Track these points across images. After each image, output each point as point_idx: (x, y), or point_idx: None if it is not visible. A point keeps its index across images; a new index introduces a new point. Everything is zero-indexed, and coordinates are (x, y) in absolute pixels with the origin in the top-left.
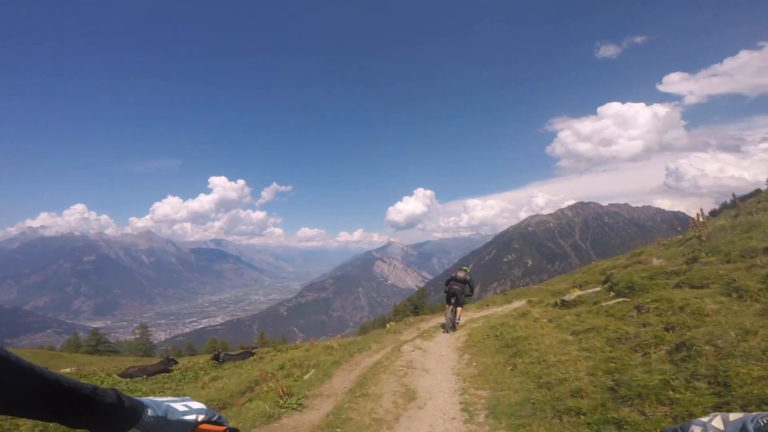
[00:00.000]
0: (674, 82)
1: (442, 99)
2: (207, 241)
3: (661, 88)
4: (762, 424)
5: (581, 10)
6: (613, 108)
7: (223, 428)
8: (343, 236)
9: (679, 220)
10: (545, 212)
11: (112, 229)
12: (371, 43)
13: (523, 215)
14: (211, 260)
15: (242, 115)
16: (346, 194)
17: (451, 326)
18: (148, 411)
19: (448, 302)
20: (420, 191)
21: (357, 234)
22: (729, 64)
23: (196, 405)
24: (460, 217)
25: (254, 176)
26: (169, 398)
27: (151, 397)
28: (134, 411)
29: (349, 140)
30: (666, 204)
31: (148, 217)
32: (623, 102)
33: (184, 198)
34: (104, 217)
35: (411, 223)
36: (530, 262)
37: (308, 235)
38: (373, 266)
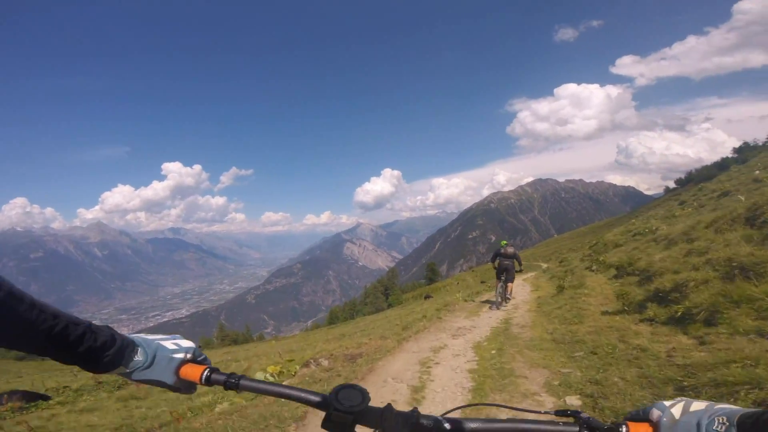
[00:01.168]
0: (626, 64)
1: (408, 84)
2: (164, 231)
3: (614, 70)
4: (719, 422)
5: None
6: (569, 89)
7: (204, 367)
8: (310, 219)
9: (629, 194)
10: (506, 189)
11: (58, 222)
12: (338, 32)
13: (486, 192)
14: (170, 250)
15: (194, 98)
16: (311, 176)
17: (501, 301)
18: (138, 349)
19: (498, 278)
20: (387, 171)
21: (324, 216)
22: (677, 48)
23: (186, 343)
24: (427, 196)
25: (211, 161)
26: (161, 336)
27: (143, 335)
28: (125, 349)
29: (313, 122)
30: (617, 179)
31: (97, 207)
32: (578, 83)
33: (136, 186)
34: (49, 210)
35: (379, 203)
36: (494, 238)
37: (273, 220)
38: (343, 248)
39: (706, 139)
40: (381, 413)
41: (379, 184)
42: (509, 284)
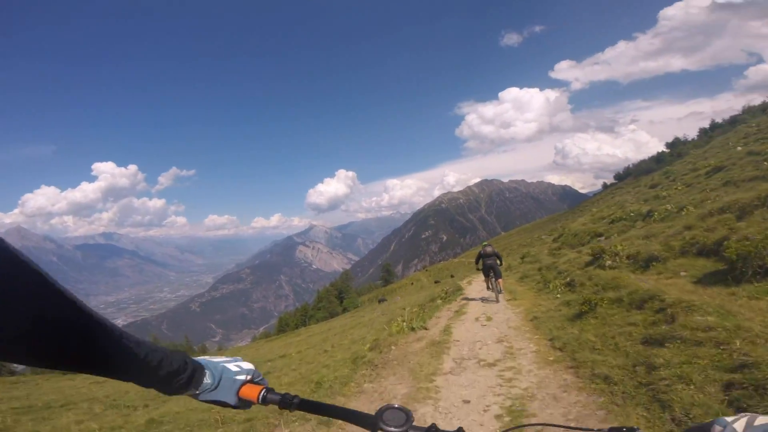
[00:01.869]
0: (564, 69)
1: (361, 86)
2: (95, 236)
3: (553, 74)
4: None
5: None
6: (512, 93)
7: (262, 387)
8: (259, 222)
9: (566, 193)
10: (456, 190)
11: None
12: (290, 36)
13: (437, 193)
14: (102, 257)
15: (129, 94)
16: (259, 177)
17: (498, 293)
18: (206, 373)
19: (487, 276)
20: (342, 172)
21: (275, 219)
22: (609, 53)
23: (246, 365)
24: (381, 197)
25: (149, 161)
26: (224, 358)
27: (208, 358)
28: (195, 373)
29: (261, 121)
30: (555, 179)
31: (17, 211)
32: (521, 87)
33: (63, 187)
34: None
35: (334, 204)
36: (445, 237)
37: (218, 223)
38: (295, 252)
39: (632, 139)
40: None
41: (333, 185)
42: (499, 279)
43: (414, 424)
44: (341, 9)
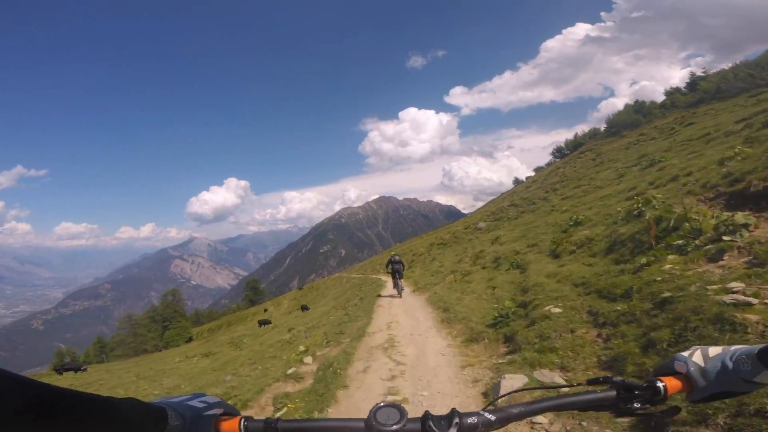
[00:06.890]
0: (457, 94)
1: (264, 97)
2: None
3: (447, 99)
4: (743, 362)
5: (404, 20)
6: (411, 113)
7: (239, 417)
8: (126, 232)
9: (451, 212)
10: (356, 205)
11: None
12: (187, 42)
13: (338, 207)
14: None
15: None
16: (129, 181)
17: (401, 290)
18: (171, 414)
19: (394, 277)
20: (232, 181)
21: (146, 229)
22: (496, 82)
23: (212, 399)
24: (278, 210)
25: None
26: (184, 396)
27: (166, 399)
28: (158, 417)
29: (134, 118)
30: (442, 199)
31: None
32: (419, 108)
33: None
34: None
35: (220, 215)
36: (344, 252)
37: (72, 232)
38: (170, 266)
39: (506, 165)
40: (422, 423)
41: (221, 195)
42: (401, 280)
43: (408, 416)
44: (247, 19)
